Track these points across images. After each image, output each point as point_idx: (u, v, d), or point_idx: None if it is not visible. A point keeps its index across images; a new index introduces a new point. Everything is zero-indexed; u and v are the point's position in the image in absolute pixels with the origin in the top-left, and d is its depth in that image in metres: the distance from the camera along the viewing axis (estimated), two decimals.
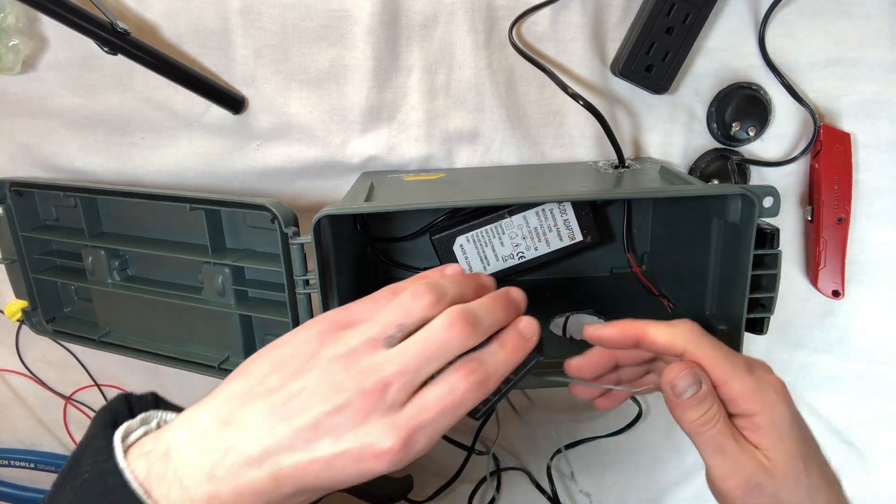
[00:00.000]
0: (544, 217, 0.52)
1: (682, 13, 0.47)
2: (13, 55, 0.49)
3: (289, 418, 0.27)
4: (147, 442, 0.29)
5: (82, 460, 0.28)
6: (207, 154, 0.54)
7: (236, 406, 0.28)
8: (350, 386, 0.27)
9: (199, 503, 0.27)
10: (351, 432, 0.27)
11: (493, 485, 0.65)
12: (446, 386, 0.28)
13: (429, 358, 0.28)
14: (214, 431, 0.28)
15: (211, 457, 0.27)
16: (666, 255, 0.54)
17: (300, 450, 0.27)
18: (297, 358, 0.29)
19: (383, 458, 0.27)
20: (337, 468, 0.27)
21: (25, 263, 0.56)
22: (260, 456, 0.27)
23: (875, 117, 0.53)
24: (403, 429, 0.27)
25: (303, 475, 0.27)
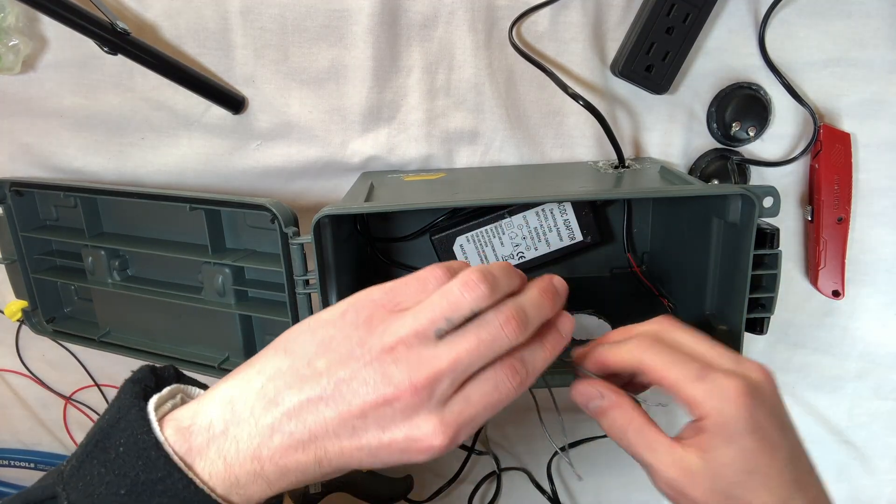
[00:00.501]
0: (544, 217, 0.52)
1: (682, 13, 0.47)
2: (13, 55, 0.49)
3: (337, 405, 0.27)
4: (184, 416, 0.29)
5: (114, 433, 0.28)
6: (207, 154, 0.54)
7: (282, 386, 0.28)
8: (400, 378, 0.27)
9: (242, 480, 0.27)
10: (399, 424, 0.27)
11: (493, 485, 0.65)
12: (491, 383, 0.29)
13: (480, 356, 0.28)
14: (260, 411, 0.28)
15: (257, 437, 0.27)
16: (666, 255, 0.54)
17: (346, 437, 0.28)
18: (345, 342, 0.28)
19: (429, 451, 0.28)
20: (381, 457, 0.28)
21: (25, 263, 0.56)
22: (307, 440, 0.27)
23: (875, 117, 0.53)
24: (451, 425, 0.28)
25: (347, 460, 0.28)
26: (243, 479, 0.27)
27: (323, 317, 0.30)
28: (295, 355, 0.29)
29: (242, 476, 0.27)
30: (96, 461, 0.27)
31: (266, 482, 0.28)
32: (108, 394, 0.65)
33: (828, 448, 0.63)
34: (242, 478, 0.27)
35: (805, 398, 0.61)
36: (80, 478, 0.28)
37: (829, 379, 0.60)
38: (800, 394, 0.61)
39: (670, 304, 0.52)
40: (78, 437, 0.67)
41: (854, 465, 0.63)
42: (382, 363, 0.28)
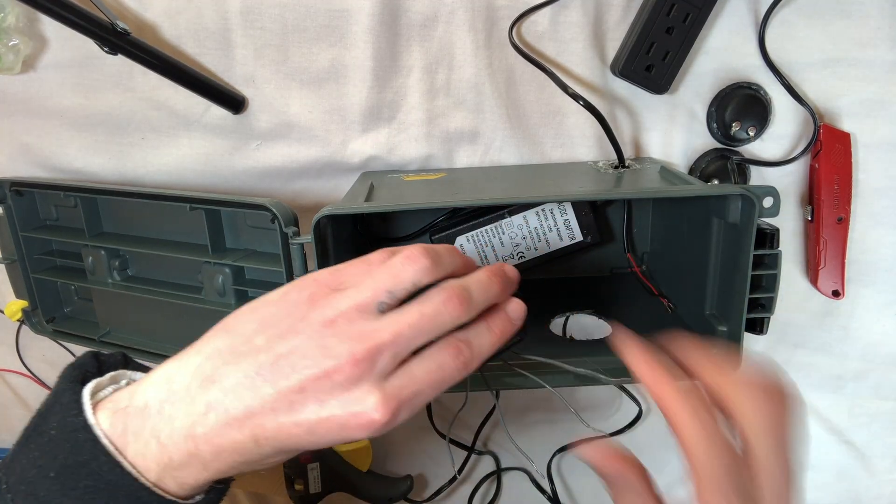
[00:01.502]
0: (544, 217, 0.52)
1: (682, 13, 0.47)
2: (13, 55, 0.49)
3: (275, 380, 0.27)
4: (121, 397, 0.28)
5: (49, 416, 0.28)
6: (207, 154, 0.54)
7: (219, 363, 0.28)
8: (340, 351, 0.27)
9: (176, 461, 0.27)
10: (338, 399, 0.27)
11: (493, 485, 0.65)
12: (435, 362, 0.28)
13: (421, 331, 0.28)
14: (196, 389, 0.27)
15: (191, 415, 0.27)
16: (666, 255, 0.54)
17: (284, 413, 0.27)
18: (286, 319, 0.28)
19: (369, 427, 0.27)
20: (320, 433, 0.27)
21: (25, 263, 0.56)
22: (242, 416, 0.27)
23: (875, 117, 0.53)
24: (392, 400, 0.27)
25: (285, 437, 0.27)
26: (178, 459, 0.27)
27: (266, 297, 0.30)
28: (235, 333, 0.29)
29: (177, 456, 0.27)
30: (32, 445, 0.27)
31: (202, 463, 0.27)
32: None
33: (828, 448, 0.63)
34: (177, 458, 0.27)
35: (805, 398, 0.61)
36: (17, 462, 0.27)
37: (829, 379, 0.60)
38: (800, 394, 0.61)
39: (670, 305, 0.52)
40: None
41: (854, 465, 0.63)
42: (322, 336, 0.27)
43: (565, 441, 0.63)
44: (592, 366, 0.45)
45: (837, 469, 0.64)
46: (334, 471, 0.58)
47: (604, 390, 0.62)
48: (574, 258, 0.57)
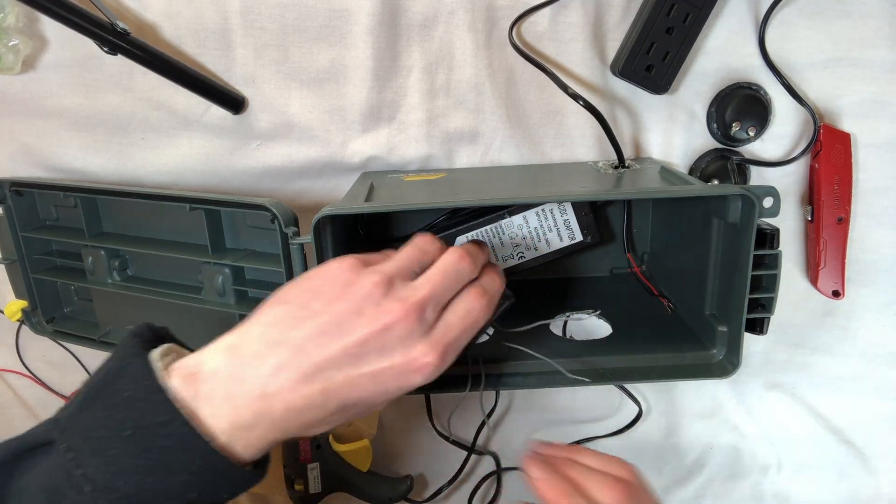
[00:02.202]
0: (544, 217, 0.52)
1: (682, 13, 0.47)
2: (13, 55, 0.49)
3: (339, 337, 0.30)
4: (189, 364, 0.30)
5: (118, 380, 0.29)
6: (207, 154, 0.54)
7: (283, 328, 0.30)
8: (393, 308, 0.31)
9: (248, 422, 0.29)
10: (396, 349, 0.31)
11: (493, 485, 0.65)
12: (464, 307, 0.33)
13: (449, 284, 0.33)
14: (266, 352, 0.30)
15: (262, 376, 0.29)
16: (666, 255, 0.54)
17: (350, 365, 0.30)
18: (336, 286, 0.32)
19: (423, 371, 0.31)
20: (382, 381, 0.31)
21: (25, 263, 0.56)
22: (312, 372, 0.29)
23: (875, 117, 0.53)
24: (439, 345, 0.31)
25: (350, 389, 0.30)
26: (250, 419, 0.29)
27: (309, 273, 0.34)
28: (290, 303, 0.32)
29: (249, 417, 0.29)
30: (98, 407, 0.29)
31: (271, 422, 0.29)
32: None
33: (828, 448, 0.63)
34: (249, 419, 0.29)
35: (805, 398, 0.61)
36: (79, 423, 0.29)
37: (829, 379, 0.60)
38: (800, 394, 0.61)
39: (670, 305, 0.52)
40: None
41: (854, 465, 0.63)
42: (375, 297, 0.31)
43: (565, 441, 0.63)
44: (592, 366, 0.45)
45: (837, 469, 0.64)
46: (334, 471, 0.58)
47: (604, 390, 0.62)
48: (574, 258, 0.57)
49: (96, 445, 0.28)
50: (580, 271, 0.58)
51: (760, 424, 0.63)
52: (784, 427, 0.63)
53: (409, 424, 0.63)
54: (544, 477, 0.38)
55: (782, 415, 0.62)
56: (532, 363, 0.45)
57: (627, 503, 0.35)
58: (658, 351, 0.45)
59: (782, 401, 0.62)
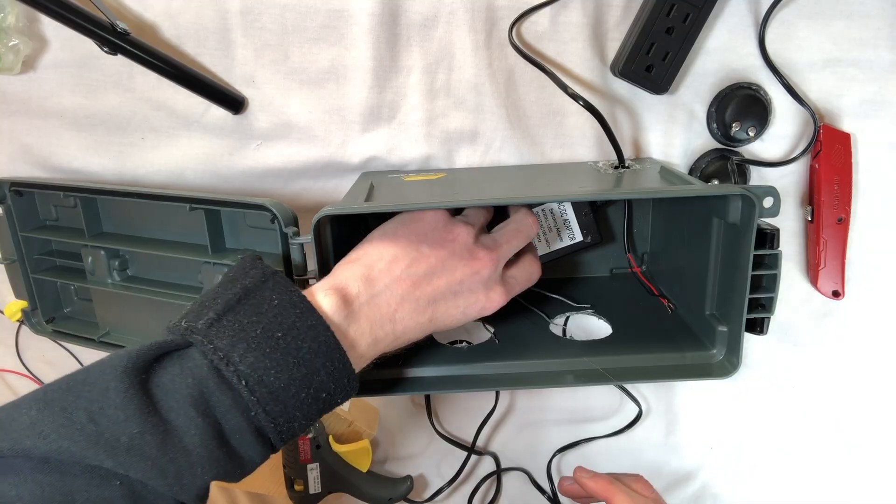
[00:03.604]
0: (544, 217, 0.52)
1: (682, 13, 0.47)
2: (13, 55, 0.49)
3: (444, 276, 0.39)
4: (335, 286, 0.36)
5: (261, 291, 0.33)
6: (207, 154, 0.54)
7: (403, 266, 0.38)
8: (482, 255, 0.40)
9: (380, 338, 0.37)
10: (481, 288, 0.40)
11: (493, 485, 0.65)
12: (527, 270, 0.44)
13: (520, 241, 0.43)
14: (394, 285, 0.37)
15: (392, 304, 0.37)
16: (666, 255, 0.54)
17: (451, 299, 0.39)
18: (438, 233, 0.40)
19: (495, 307, 0.41)
20: (467, 311, 0.40)
21: (25, 263, 0.56)
22: (426, 303, 0.38)
23: (875, 117, 0.53)
24: (508, 290, 0.42)
25: (446, 314, 0.39)
26: (381, 337, 0.37)
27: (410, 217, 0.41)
28: (400, 246, 0.39)
29: (381, 335, 0.37)
30: (243, 313, 0.32)
31: (394, 338, 0.37)
32: None
33: (828, 448, 0.63)
34: (381, 337, 0.37)
35: (805, 398, 0.61)
36: (225, 327, 0.31)
37: (829, 379, 0.60)
38: (800, 394, 0.61)
39: (670, 305, 0.52)
40: None
41: (854, 466, 0.63)
42: (468, 245, 0.40)
43: (565, 441, 0.63)
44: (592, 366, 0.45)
45: (837, 469, 0.64)
46: (334, 471, 0.58)
47: (604, 390, 0.62)
48: (574, 258, 0.57)
49: (249, 345, 0.31)
50: (580, 271, 0.58)
51: (760, 424, 0.63)
52: (784, 427, 0.63)
53: (409, 424, 0.63)
54: (589, 476, 0.50)
55: (782, 415, 0.62)
56: (532, 363, 0.45)
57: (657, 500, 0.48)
58: (658, 351, 0.45)
59: (782, 401, 0.62)
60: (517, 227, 0.43)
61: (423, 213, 0.41)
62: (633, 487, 0.49)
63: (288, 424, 0.32)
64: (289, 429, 0.32)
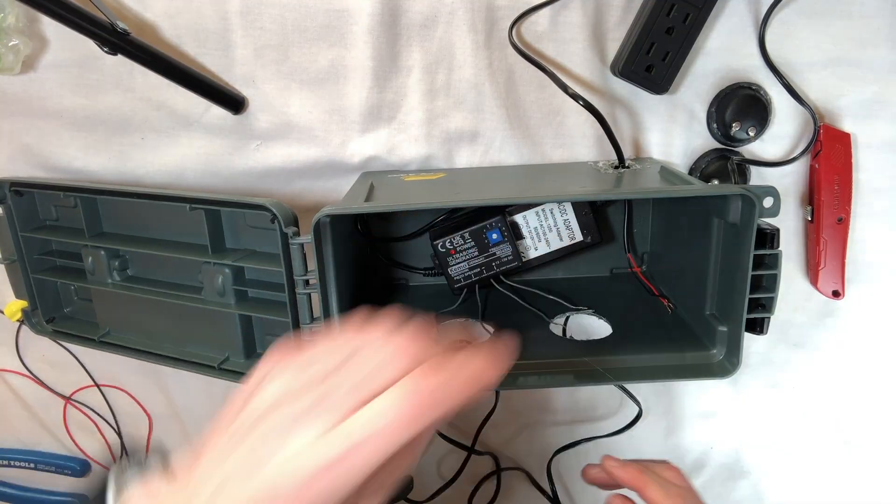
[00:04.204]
0: (544, 217, 0.52)
1: (682, 13, 0.47)
2: (13, 55, 0.49)
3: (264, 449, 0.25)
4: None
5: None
6: (207, 154, 0.54)
7: (220, 463, 0.26)
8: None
9: None
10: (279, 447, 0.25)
11: (493, 485, 0.65)
12: (383, 406, 0.25)
13: (369, 384, 0.26)
14: (220, 489, 0.25)
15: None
16: (666, 255, 0.54)
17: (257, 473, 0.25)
18: (238, 418, 0.27)
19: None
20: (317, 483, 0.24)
21: (25, 263, 0.56)
22: (261, 490, 0.24)
23: (875, 117, 0.53)
24: (345, 436, 0.25)
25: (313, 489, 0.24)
26: None
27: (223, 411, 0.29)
28: (210, 448, 0.27)
29: None
30: None
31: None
32: (108, 394, 0.65)
33: (828, 448, 0.63)
34: None
35: (805, 398, 0.61)
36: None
37: (829, 379, 0.60)
38: (800, 394, 0.61)
39: (670, 305, 0.52)
40: (78, 437, 0.67)
41: (854, 465, 0.63)
42: (256, 437, 0.26)
43: (565, 441, 0.63)
44: (592, 366, 0.45)
45: (838, 469, 0.64)
46: None
47: (604, 390, 0.62)
48: (574, 258, 0.57)
49: None
50: (580, 271, 0.58)
51: (760, 424, 0.63)
52: (784, 427, 0.63)
53: None
54: (619, 464, 0.46)
55: (782, 415, 0.62)
56: (532, 363, 0.45)
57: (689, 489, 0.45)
58: (658, 351, 0.45)
59: (782, 401, 0.62)
60: (382, 353, 0.27)
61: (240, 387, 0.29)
62: (664, 475, 0.46)
63: None
64: None
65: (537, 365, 0.45)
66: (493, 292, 0.54)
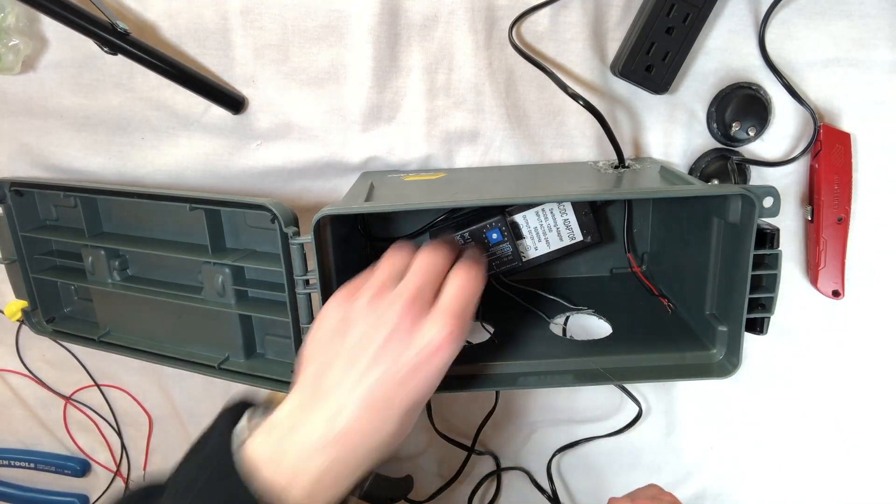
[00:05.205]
0: (544, 217, 0.52)
1: (682, 13, 0.47)
2: (13, 55, 0.49)
3: (359, 364, 0.33)
4: (266, 425, 0.34)
5: (209, 438, 0.35)
6: (207, 154, 0.54)
7: (321, 381, 0.34)
8: (390, 313, 0.34)
9: (323, 468, 0.32)
10: (412, 342, 0.34)
11: (493, 485, 0.65)
12: (455, 283, 0.36)
13: (431, 272, 0.36)
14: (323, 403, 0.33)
15: (327, 422, 0.33)
16: (666, 255, 0.54)
17: (387, 375, 0.33)
18: (338, 326, 0.36)
19: (443, 347, 0.34)
20: (419, 373, 0.33)
21: (25, 263, 0.56)
22: (363, 398, 0.33)
23: (875, 117, 0.53)
24: (445, 322, 0.34)
25: (399, 393, 0.33)
26: (332, 457, 0.32)
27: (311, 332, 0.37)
28: (314, 359, 0.36)
29: (324, 463, 0.32)
30: (190, 463, 0.35)
31: (353, 451, 0.33)
32: (108, 394, 0.65)
33: (828, 448, 0.63)
34: (324, 465, 0.32)
35: (805, 398, 0.61)
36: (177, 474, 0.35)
37: (829, 379, 0.60)
38: (800, 394, 0.61)
39: (670, 305, 0.52)
40: (78, 437, 0.67)
41: (853, 465, 0.63)
42: (372, 315, 0.35)
43: (565, 441, 0.63)
44: (592, 366, 0.45)
45: (837, 469, 0.64)
46: None
47: (604, 390, 0.62)
48: (574, 258, 0.57)
49: (181, 492, 0.33)
50: (580, 271, 0.58)
51: (760, 424, 0.63)
52: (784, 427, 0.63)
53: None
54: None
55: (782, 415, 0.62)
56: (532, 363, 0.45)
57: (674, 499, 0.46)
58: (658, 351, 0.45)
59: (782, 401, 0.62)
60: (419, 265, 0.37)
61: (321, 313, 0.37)
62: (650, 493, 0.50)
63: None
64: None
65: (537, 365, 0.45)
66: (493, 292, 0.54)
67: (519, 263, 0.52)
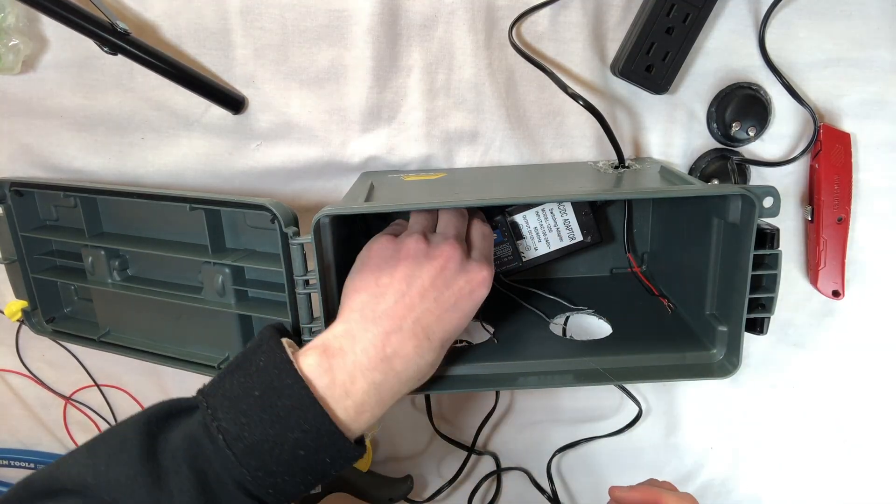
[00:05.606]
0: (544, 217, 0.52)
1: (682, 13, 0.47)
2: (13, 55, 0.49)
3: (411, 293, 0.38)
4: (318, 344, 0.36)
5: (255, 355, 0.36)
6: (207, 154, 0.54)
7: (374, 306, 0.37)
8: (441, 249, 0.39)
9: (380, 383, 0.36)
10: (458, 276, 0.39)
11: (493, 485, 0.65)
12: (478, 234, 0.43)
13: (460, 225, 0.43)
14: (372, 327, 0.37)
15: (377, 344, 0.36)
16: (666, 255, 0.54)
17: (434, 305, 0.38)
18: (390, 258, 0.39)
19: (485, 282, 0.40)
20: (461, 305, 0.39)
21: (25, 263, 0.56)
22: (412, 324, 0.37)
23: (875, 117, 0.53)
24: (483, 260, 0.41)
25: (444, 322, 0.38)
26: (379, 380, 0.36)
27: (360, 262, 0.41)
28: (364, 289, 0.39)
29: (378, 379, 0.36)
30: (237, 376, 0.35)
31: (396, 375, 0.36)
32: (108, 394, 0.65)
33: (827, 448, 0.63)
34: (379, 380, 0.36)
35: (805, 398, 0.61)
36: (219, 387, 0.35)
37: (829, 379, 0.61)
38: (799, 394, 0.61)
39: (670, 305, 0.52)
40: (78, 437, 0.67)
41: (854, 465, 0.63)
42: (422, 250, 0.39)
43: (565, 441, 0.63)
44: (592, 366, 0.45)
45: (837, 469, 0.64)
46: None
47: (604, 390, 0.62)
48: (574, 258, 0.57)
49: (232, 403, 0.34)
50: (580, 271, 0.58)
51: (760, 424, 0.63)
52: (784, 427, 0.63)
53: (409, 424, 0.63)
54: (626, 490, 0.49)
55: (782, 415, 0.62)
56: (532, 363, 0.45)
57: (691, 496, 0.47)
58: (658, 351, 0.45)
59: (782, 401, 0.62)
60: (448, 218, 0.43)
61: (370, 248, 0.41)
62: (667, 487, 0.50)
63: (271, 480, 0.33)
64: (273, 484, 0.34)
65: (537, 365, 0.45)
66: (493, 292, 0.54)
67: (519, 263, 0.52)
